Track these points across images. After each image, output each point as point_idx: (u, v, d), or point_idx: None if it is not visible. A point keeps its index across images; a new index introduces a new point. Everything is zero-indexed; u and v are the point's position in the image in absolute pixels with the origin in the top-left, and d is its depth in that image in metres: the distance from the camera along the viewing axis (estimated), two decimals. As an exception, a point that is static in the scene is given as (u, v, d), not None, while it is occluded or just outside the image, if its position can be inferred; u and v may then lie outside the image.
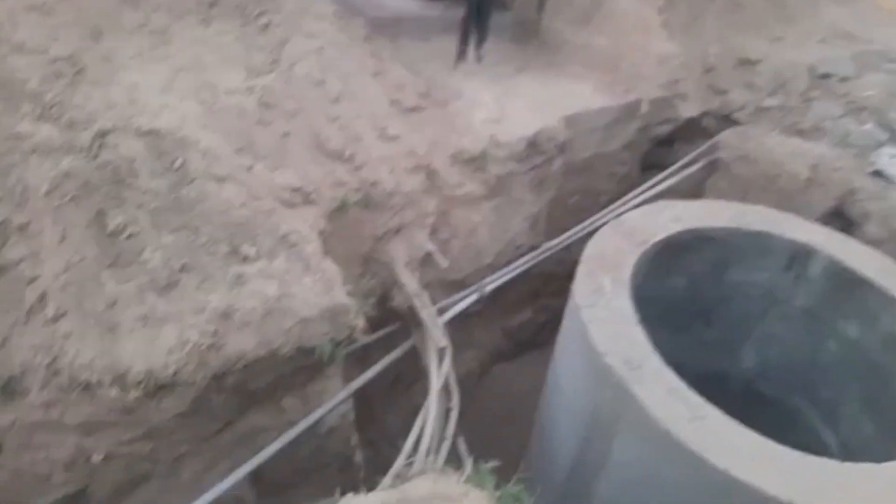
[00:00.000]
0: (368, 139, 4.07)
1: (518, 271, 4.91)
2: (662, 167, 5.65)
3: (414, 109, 4.44)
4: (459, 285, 4.86)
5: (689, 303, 4.68)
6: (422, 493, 2.44)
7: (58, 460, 3.15)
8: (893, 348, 3.98)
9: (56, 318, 2.95)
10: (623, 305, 3.67)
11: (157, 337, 2.94)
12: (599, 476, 3.54)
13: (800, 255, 4.28)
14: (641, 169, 5.98)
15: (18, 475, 3.13)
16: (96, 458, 3.16)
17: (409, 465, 3.06)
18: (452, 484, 2.51)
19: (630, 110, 5.38)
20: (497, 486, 2.67)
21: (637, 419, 3.19)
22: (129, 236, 3.08)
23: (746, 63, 5.76)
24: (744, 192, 5.21)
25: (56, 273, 2.97)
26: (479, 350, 5.81)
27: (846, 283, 4.14)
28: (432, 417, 3.43)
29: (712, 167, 5.54)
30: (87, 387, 2.93)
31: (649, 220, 4.26)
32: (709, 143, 5.59)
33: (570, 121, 5.11)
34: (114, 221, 3.07)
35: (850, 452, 4.20)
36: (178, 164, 3.29)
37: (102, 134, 3.30)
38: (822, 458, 3.14)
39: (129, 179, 3.19)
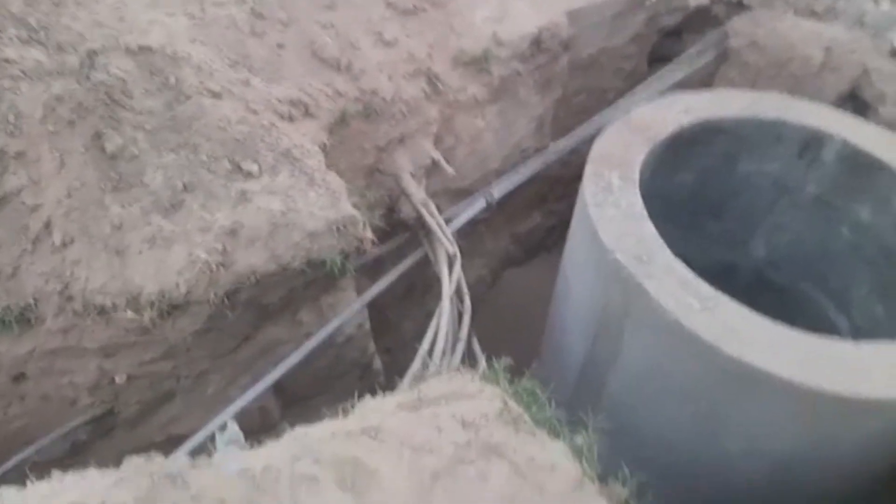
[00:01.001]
0: (365, 46, 3.93)
1: (525, 176, 4.85)
2: (670, 60, 5.46)
3: (411, 11, 4.26)
4: (466, 193, 4.82)
5: (698, 197, 4.63)
6: (437, 393, 2.49)
7: (81, 384, 3.24)
8: (907, 230, 3.95)
9: (63, 245, 2.96)
10: (632, 202, 3.63)
11: (166, 257, 2.95)
12: (611, 371, 3.61)
13: (813, 142, 4.19)
14: (649, 63, 5.79)
15: (45, 401, 3.23)
16: (119, 379, 3.24)
17: (426, 367, 3.11)
18: (467, 382, 2.55)
19: (636, 0, 5.15)
20: (511, 383, 2.72)
21: (648, 312, 3.21)
22: (129, 158, 3.04)
23: (758, -58, 5.46)
24: (753, 81, 5.05)
25: (58, 199, 2.96)
26: (488, 257, 5.82)
27: (860, 166, 4.06)
28: (445, 321, 3.47)
29: (722, 57, 5.34)
30: (102, 311, 2.97)
31: (658, 114, 4.16)
32: (718, 31, 5.37)
33: (574, 15, 4.89)
34: (112, 143, 3.03)
35: (861, 335, 4.23)
36: (171, 81, 3.21)
37: (92, 55, 3.21)
38: (835, 340, 3.17)
39: (123, 100, 3.12)
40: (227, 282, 2.99)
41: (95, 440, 3.45)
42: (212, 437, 2.81)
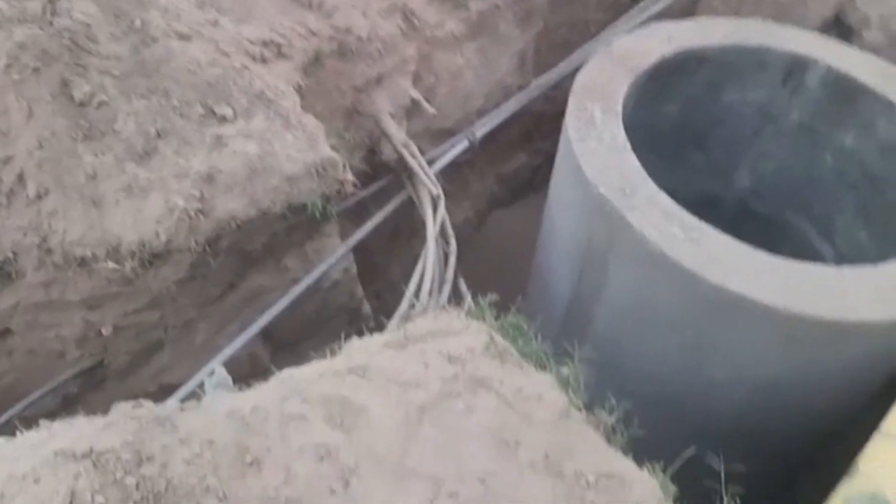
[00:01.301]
0: (337, -19, 3.82)
1: (508, 113, 4.78)
2: (653, -11, 5.34)
3: (383, -55, 4.13)
4: (449, 133, 4.75)
5: (682, 128, 4.59)
6: (424, 330, 2.49)
7: (68, 337, 3.23)
8: (890, 155, 3.93)
9: (38, 197, 2.91)
10: (615, 135, 3.59)
11: (144, 206, 2.91)
12: (596, 305, 3.63)
13: (797, 67, 4.13)
14: (631, -7, 5.66)
15: (33, 355, 3.22)
16: (105, 331, 3.23)
17: (413, 308, 3.12)
18: (453, 319, 2.56)
19: (615, -73, 5.02)
20: (497, 319, 2.73)
21: (632, 245, 3.21)
22: (99, 105, 2.97)
23: None
24: (737, 8, 4.94)
25: (29, 151, 2.89)
26: (474, 199, 5.78)
27: (844, 91, 4.02)
28: (431, 262, 3.47)
29: (705, -16, 5.23)
30: (83, 262, 2.94)
31: (640, 44, 4.08)
32: (701, -43, 5.24)
33: (553, -55, 4.77)
34: (80, 91, 2.95)
35: (845, 262, 4.27)
36: (137, 24, 3.11)
37: (53, -1, 3.10)
38: (817, 265, 3.19)
39: (88, 45, 3.02)
40: (207, 229, 2.96)
41: (86, 393, 3.46)
42: (202, 385, 2.82)
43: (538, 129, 5.86)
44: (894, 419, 1.40)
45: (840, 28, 4.83)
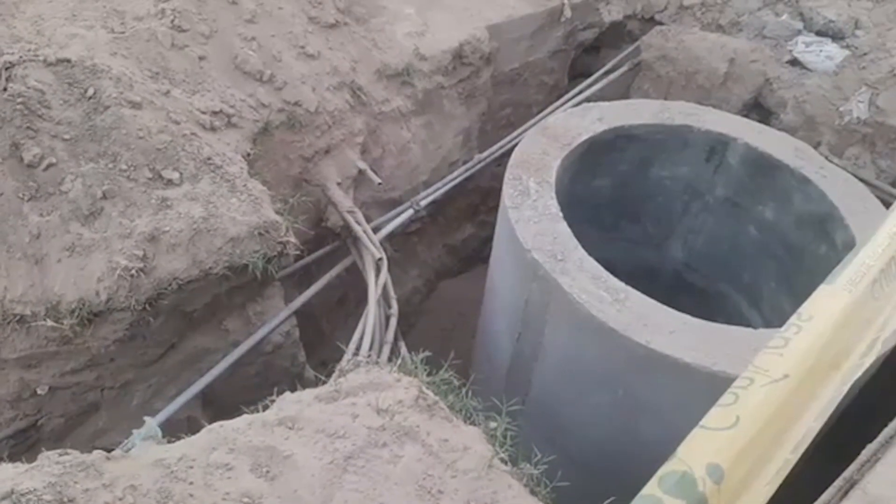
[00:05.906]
0: (288, 58, 4.03)
1: (451, 184, 4.99)
2: (590, 75, 5.72)
3: (333, 26, 4.39)
4: (396, 204, 4.93)
5: (615, 202, 4.84)
6: (355, 384, 2.57)
7: (3, 397, 3.20)
8: (805, 226, 4.21)
9: (-19, 255, 2.95)
10: (548, 204, 3.79)
11: (86, 265, 2.97)
12: (535, 363, 3.74)
13: (718, 146, 4.44)
14: (570, 78, 6.04)
15: (-36, 414, 3.17)
16: (42, 390, 3.21)
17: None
18: (385, 374, 2.64)
19: (553, 16, 5.40)
20: (429, 375, 2.82)
21: (563, 307, 3.36)
22: (47, 167, 3.06)
23: (667, -37, 5.79)
24: (665, 92, 5.33)
25: (-25, 210, 2.96)
26: (423, 268, 5.93)
27: (762, 168, 4.32)
28: (371, 324, 3.56)
29: (637, 70, 5.63)
30: (22, 320, 2.97)
31: (573, 122, 4.35)
32: (633, 46, 5.66)
33: (495, 30, 5.12)
34: (29, 153, 3.04)
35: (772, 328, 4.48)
36: (90, 92, 3.24)
37: (9, 66, 3.21)
38: (738, 327, 3.37)
39: (41, 110, 3.14)
40: (148, 288, 3.02)
41: (19, 455, 3.39)
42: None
43: (484, 202, 6.11)
44: (710, 414, 1.65)
45: (759, 110, 5.23)
